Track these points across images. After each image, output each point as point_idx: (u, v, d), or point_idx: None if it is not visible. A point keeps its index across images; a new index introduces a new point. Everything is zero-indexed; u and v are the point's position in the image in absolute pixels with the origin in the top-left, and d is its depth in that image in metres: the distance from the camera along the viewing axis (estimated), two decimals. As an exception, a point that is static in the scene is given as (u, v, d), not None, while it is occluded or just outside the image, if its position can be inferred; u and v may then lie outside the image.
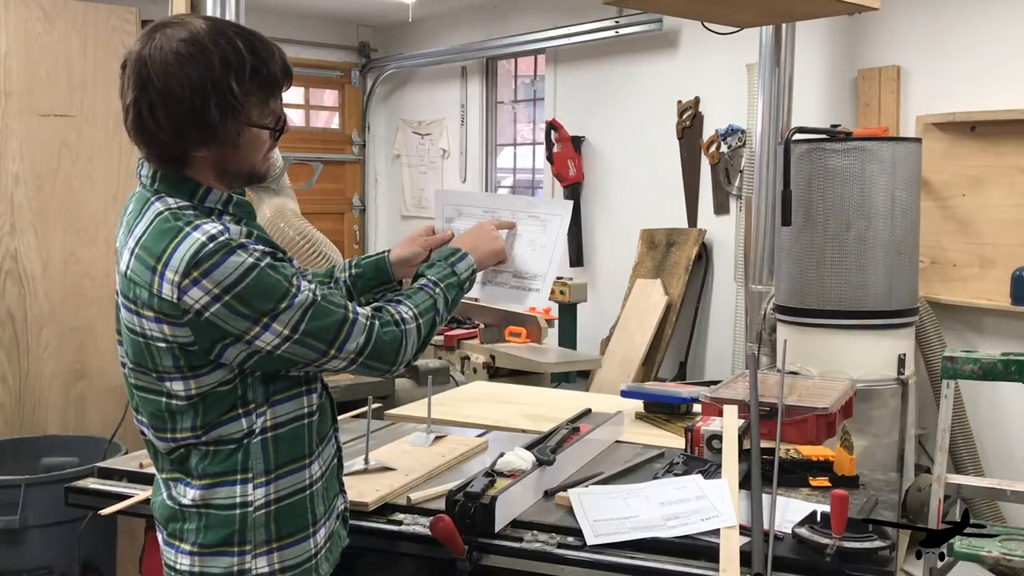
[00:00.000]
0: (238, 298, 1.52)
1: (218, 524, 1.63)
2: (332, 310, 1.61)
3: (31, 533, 3.06)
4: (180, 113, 1.55)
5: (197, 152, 1.59)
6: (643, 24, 5.72)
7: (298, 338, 1.57)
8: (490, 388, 3.66)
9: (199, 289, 1.50)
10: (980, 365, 2.90)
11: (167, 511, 1.70)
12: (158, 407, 1.63)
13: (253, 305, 1.53)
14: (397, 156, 8.15)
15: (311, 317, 1.58)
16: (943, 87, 4.42)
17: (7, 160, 3.49)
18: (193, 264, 1.50)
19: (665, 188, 5.81)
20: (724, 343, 5.48)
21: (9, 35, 3.48)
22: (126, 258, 1.59)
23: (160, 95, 1.55)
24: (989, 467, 4.27)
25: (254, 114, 1.62)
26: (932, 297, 4.33)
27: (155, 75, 1.55)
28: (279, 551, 1.65)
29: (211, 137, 1.58)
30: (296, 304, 1.56)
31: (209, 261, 1.50)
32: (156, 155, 1.62)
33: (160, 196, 1.60)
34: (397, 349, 1.69)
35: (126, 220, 1.65)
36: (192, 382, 1.58)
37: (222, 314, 1.52)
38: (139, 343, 1.60)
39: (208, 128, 1.57)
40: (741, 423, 2.38)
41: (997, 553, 2.79)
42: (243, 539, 1.64)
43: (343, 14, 7.62)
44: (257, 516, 1.64)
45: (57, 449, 3.39)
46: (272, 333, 1.55)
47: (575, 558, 1.86)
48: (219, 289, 1.51)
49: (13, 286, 3.53)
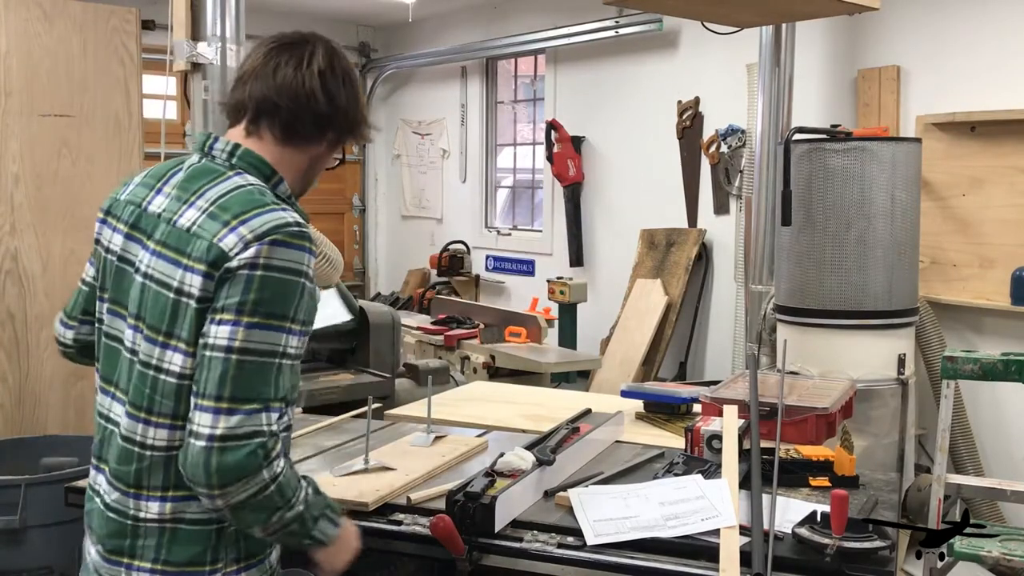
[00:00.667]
0: (268, 284, 1.48)
1: (188, 540, 1.54)
2: (268, 375, 1.48)
3: (31, 533, 3.05)
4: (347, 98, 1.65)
5: (313, 145, 1.66)
6: (643, 24, 5.72)
7: (232, 360, 1.46)
8: (490, 388, 3.66)
9: (256, 249, 1.48)
10: (980, 365, 2.90)
11: (112, 525, 1.59)
12: (145, 382, 1.55)
13: (266, 297, 1.48)
14: (397, 156, 8.15)
15: (255, 364, 1.47)
16: (943, 87, 4.42)
17: (7, 160, 3.49)
18: (275, 229, 1.50)
19: (665, 188, 5.81)
20: (724, 343, 5.48)
21: (9, 35, 3.48)
22: (191, 215, 1.55)
23: (344, 75, 1.65)
24: (989, 467, 4.27)
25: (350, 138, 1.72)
26: (932, 297, 4.33)
27: (343, 64, 1.67)
28: (245, 570, 1.59)
29: (329, 138, 1.68)
30: (289, 343, 1.50)
31: (287, 238, 1.50)
32: (285, 131, 1.63)
33: (239, 172, 1.61)
34: (256, 479, 1.46)
35: (174, 182, 1.63)
36: (190, 360, 1.51)
37: (239, 280, 1.47)
38: (166, 300, 1.53)
39: (337, 129, 1.67)
40: (741, 423, 2.38)
41: (997, 553, 2.79)
42: (215, 557, 1.55)
43: (343, 14, 7.62)
44: (231, 531, 1.56)
45: (57, 449, 3.38)
46: (238, 328, 1.46)
47: (575, 558, 1.85)
48: (266, 261, 1.49)
49: (13, 286, 3.52)
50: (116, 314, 1.64)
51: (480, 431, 2.74)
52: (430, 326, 5.30)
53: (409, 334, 5.17)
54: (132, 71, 3.71)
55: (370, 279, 8.42)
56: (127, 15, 3.70)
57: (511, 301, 6.89)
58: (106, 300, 1.67)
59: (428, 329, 5.24)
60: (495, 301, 6.96)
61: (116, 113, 3.68)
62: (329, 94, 1.62)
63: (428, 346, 5.13)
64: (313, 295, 1.55)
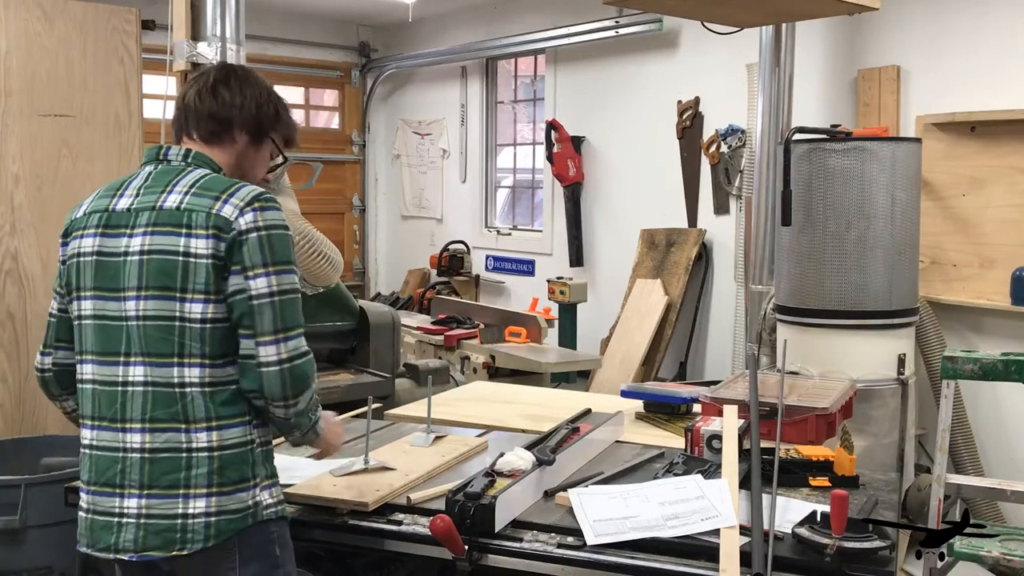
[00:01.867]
0: (274, 240, 1.83)
1: (234, 463, 1.81)
2: (295, 308, 1.86)
3: (31, 533, 3.05)
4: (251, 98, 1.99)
5: (228, 143, 1.98)
6: (643, 24, 5.72)
7: (276, 302, 1.81)
8: (490, 388, 3.66)
9: (251, 215, 1.82)
10: (980, 365, 2.90)
11: (163, 465, 1.81)
12: (170, 332, 1.81)
13: (276, 250, 1.83)
14: (397, 156, 8.15)
15: (287, 301, 1.84)
16: (943, 87, 4.42)
17: (7, 160, 3.49)
18: (255, 198, 1.85)
19: (665, 188, 5.81)
20: (724, 343, 5.48)
21: (9, 35, 3.48)
22: (174, 199, 1.85)
23: (240, 80, 2.00)
24: (989, 467, 4.27)
25: (278, 137, 2.06)
26: (932, 297, 4.33)
27: (240, 74, 2.03)
28: (272, 487, 1.88)
29: (242, 136, 1.99)
30: (286, 280, 1.85)
31: (267, 203, 1.86)
32: (205, 132, 1.97)
33: (196, 167, 1.93)
34: (307, 382, 1.89)
35: (136, 185, 1.92)
36: (210, 307, 1.80)
37: (253, 243, 1.81)
38: (173, 263, 1.81)
39: (242, 126, 1.98)
40: (741, 423, 2.38)
41: (997, 553, 2.79)
42: (255, 474, 1.84)
43: (343, 14, 7.62)
44: (260, 452, 1.87)
45: (57, 449, 3.38)
46: (270, 277, 1.81)
47: (575, 558, 1.86)
48: (264, 223, 1.83)
49: (13, 286, 3.52)
50: (105, 298, 1.88)
51: (480, 431, 2.74)
52: (430, 326, 5.30)
53: (409, 334, 5.17)
54: (132, 71, 3.70)
55: (370, 279, 8.42)
56: (127, 15, 3.70)
57: (511, 301, 6.89)
58: (86, 296, 1.91)
59: (428, 329, 5.24)
60: (495, 301, 6.96)
61: (116, 113, 3.68)
62: (222, 98, 1.97)
63: (428, 346, 5.13)
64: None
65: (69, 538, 2.96)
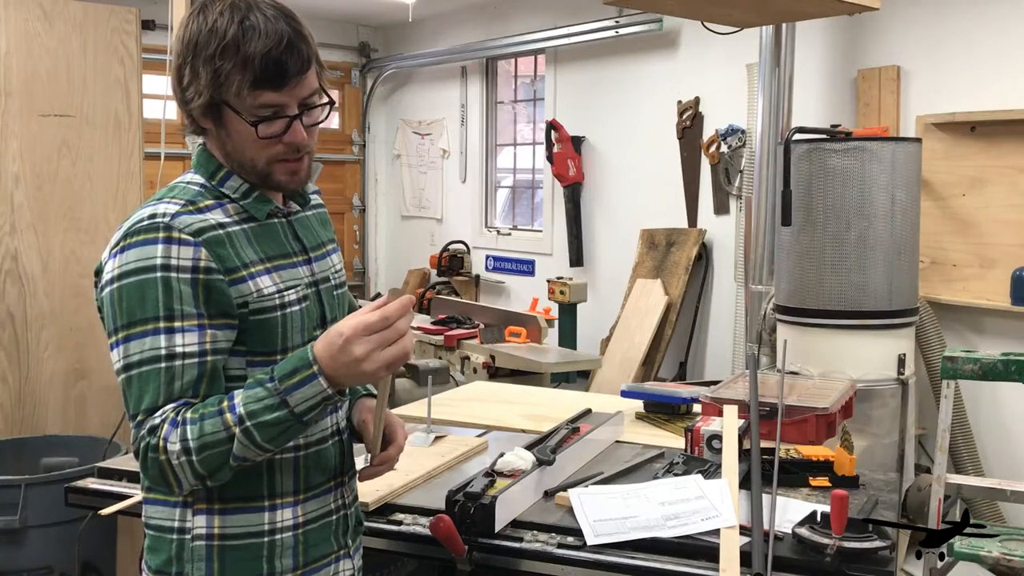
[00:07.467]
0: (123, 294, 1.38)
1: (155, 547, 1.50)
2: (154, 383, 1.37)
3: (31, 533, 3.05)
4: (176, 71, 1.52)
5: (204, 122, 1.50)
6: (643, 24, 5.72)
7: (124, 379, 1.39)
8: (490, 388, 3.66)
9: (113, 261, 1.40)
10: (980, 365, 2.89)
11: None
12: None
13: (126, 307, 1.38)
14: (397, 156, 8.15)
15: (138, 375, 1.37)
16: (943, 87, 4.42)
17: (7, 160, 3.49)
18: (123, 237, 1.41)
19: (665, 188, 5.81)
20: (724, 343, 5.48)
21: (9, 35, 3.48)
22: None
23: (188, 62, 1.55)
24: (989, 467, 4.27)
25: (230, 95, 1.46)
26: (932, 297, 4.33)
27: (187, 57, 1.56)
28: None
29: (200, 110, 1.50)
30: (145, 345, 1.37)
31: (131, 239, 1.39)
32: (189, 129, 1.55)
33: (188, 171, 1.54)
34: (164, 477, 1.37)
35: None
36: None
37: (106, 301, 1.40)
38: None
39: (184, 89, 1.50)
40: (741, 423, 2.38)
41: (997, 553, 2.79)
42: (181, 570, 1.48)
43: (343, 14, 7.62)
44: (187, 540, 1.49)
45: (57, 449, 3.39)
46: (116, 353, 1.39)
47: (575, 558, 1.85)
48: (118, 271, 1.39)
49: (13, 286, 3.52)
50: None
51: (480, 431, 2.74)
52: (430, 326, 5.30)
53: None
54: (132, 71, 3.71)
55: (370, 279, 8.42)
56: (127, 15, 3.70)
57: (511, 301, 6.89)
58: None
59: (428, 329, 5.23)
60: (495, 301, 6.96)
61: (116, 113, 3.68)
62: (182, 88, 1.53)
63: (428, 346, 5.13)
64: (194, 283, 1.38)
65: (69, 538, 2.97)
